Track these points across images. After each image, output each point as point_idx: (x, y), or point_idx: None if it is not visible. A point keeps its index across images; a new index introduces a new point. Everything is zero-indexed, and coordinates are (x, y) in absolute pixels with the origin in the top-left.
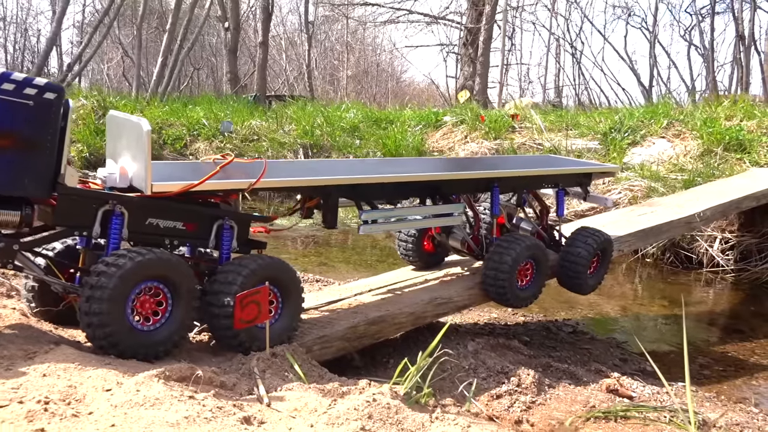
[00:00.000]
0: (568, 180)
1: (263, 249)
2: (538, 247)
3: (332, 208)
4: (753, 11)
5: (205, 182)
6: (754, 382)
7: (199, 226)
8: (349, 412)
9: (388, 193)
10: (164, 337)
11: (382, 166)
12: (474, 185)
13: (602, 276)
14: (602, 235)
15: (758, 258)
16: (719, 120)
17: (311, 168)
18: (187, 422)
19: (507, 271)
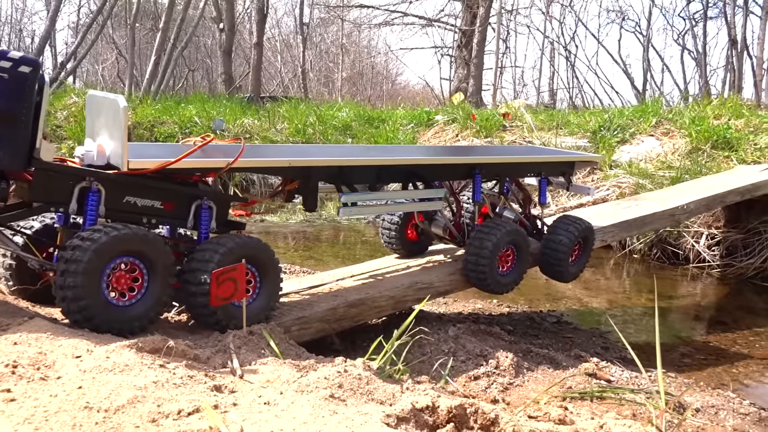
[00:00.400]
0: (551, 169)
1: (242, 230)
2: (518, 233)
3: (312, 191)
4: (745, 17)
5: (183, 160)
6: (734, 370)
7: (178, 206)
8: (320, 381)
9: (370, 177)
10: (140, 313)
11: (365, 151)
12: (456, 171)
13: (584, 264)
14: (583, 223)
15: (743, 253)
16: (708, 119)
17: (292, 151)
18: (155, 387)
19: (487, 257)
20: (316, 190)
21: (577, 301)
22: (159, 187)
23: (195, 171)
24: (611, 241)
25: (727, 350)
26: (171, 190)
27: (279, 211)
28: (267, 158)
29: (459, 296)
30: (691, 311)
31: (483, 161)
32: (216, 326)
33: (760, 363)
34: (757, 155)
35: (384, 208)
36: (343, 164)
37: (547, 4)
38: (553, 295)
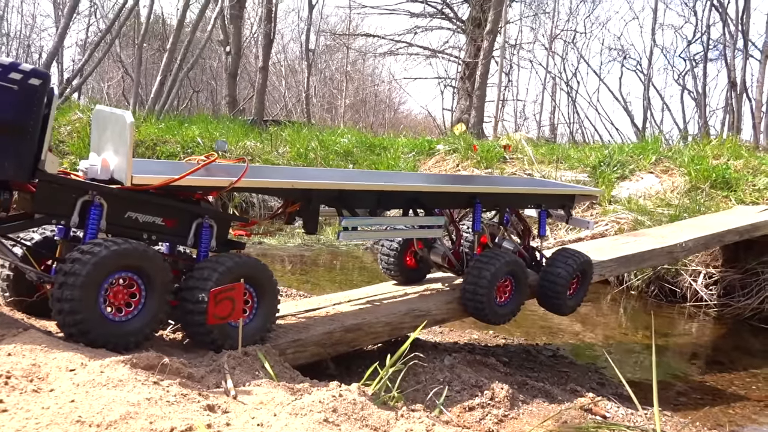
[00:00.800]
0: (551, 201)
1: (242, 250)
2: (517, 264)
3: (313, 214)
4: (745, 59)
5: (186, 178)
6: (730, 411)
7: (179, 223)
8: (314, 405)
9: (371, 202)
10: (136, 329)
11: (366, 176)
12: (457, 200)
13: (581, 297)
14: (582, 257)
15: (741, 293)
16: (707, 158)
17: (294, 173)
18: (148, 403)
19: (485, 287)
20: (317, 213)
21: (574, 336)
22: (161, 204)
23: (198, 189)
24: (609, 275)
25: (723, 391)
26: (173, 207)
27: (277, 234)
28: (270, 179)
29: (455, 326)
30: (688, 350)
31: (483, 191)
32: (211, 345)
33: (757, 405)
34: (756, 196)
35: (384, 234)
36: (345, 188)
37: (549, 40)
38: (549, 328)
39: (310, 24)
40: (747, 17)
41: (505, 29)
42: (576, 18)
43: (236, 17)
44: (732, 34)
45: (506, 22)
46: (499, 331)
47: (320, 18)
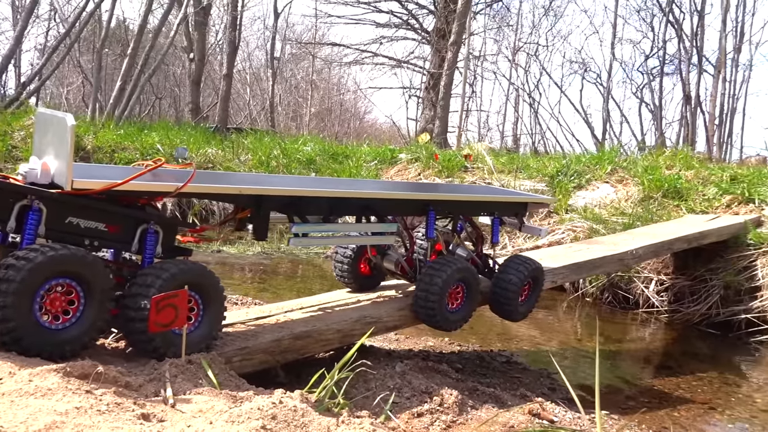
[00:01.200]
0: (505, 209)
1: (189, 257)
2: (469, 271)
3: (263, 220)
4: (699, 74)
5: (130, 183)
6: (675, 414)
7: (122, 229)
8: (252, 412)
9: (323, 209)
10: (72, 337)
11: (319, 182)
12: (410, 207)
13: (533, 304)
14: (533, 263)
15: (690, 300)
16: (660, 168)
17: (246, 179)
18: (77, 413)
19: (437, 293)
20: (267, 220)
21: (529, 342)
22: (103, 209)
23: (142, 194)
24: (562, 282)
25: (670, 394)
26: (116, 212)
27: (236, 243)
28: (217, 185)
29: (411, 333)
30: (639, 355)
31: (437, 198)
32: (154, 354)
33: (702, 407)
34: (705, 205)
35: (335, 240)
36: (296, 194)
37: (513, 53)
38: (505, 334)
39: (276, 32)
40: (701, 34)
41: (469, 41)
42: (538, 31)
43: (200, 24)
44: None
45: (470, 34)
46: (455, 338)
47: (286, 26)
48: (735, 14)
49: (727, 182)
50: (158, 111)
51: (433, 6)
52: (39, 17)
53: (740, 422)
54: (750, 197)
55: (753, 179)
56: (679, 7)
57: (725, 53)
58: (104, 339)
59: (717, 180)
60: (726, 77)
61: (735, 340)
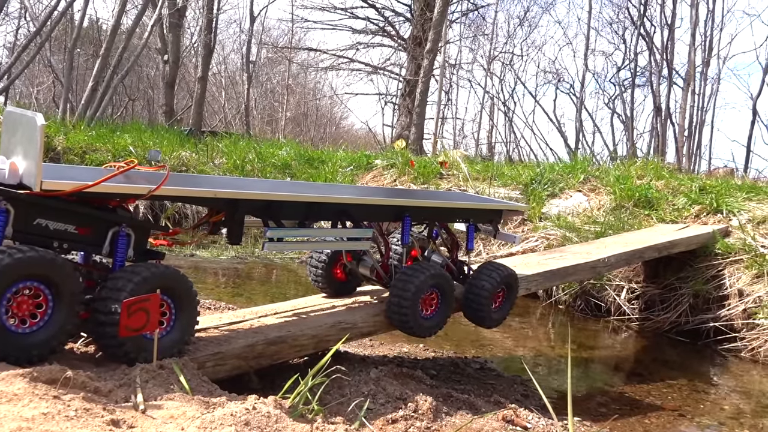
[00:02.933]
0: (480, 216)
1: (161, 260)
2: (442, 277)
3: (238, 224)
4: (669, 87)
5: (101, 185)
6: (646, 420)
7: (93, 231)
8: (225, 418)
9: (298, 214)
10: (40, 341)
11: (295, 187)
12: (386, 213)
13: (507, 311)
14: (506, 270)
15: (660, 308)
16: (631, 178)
17: (220, 182)
18: (44, 419)
19: (410, 299)
20: (242, 224)
21: (503, 349)
22: (73, 211)
23: (114, 196)
24: (535, 289)
25: (641, 401)
26: (86, 214)
27: (210, 247)
28: (191, 188)
29: (386, 339)
30: (610, 362)
31: (413, 204)
32: (124, 358)
33: (672, 414)
34: (675, 215)
35: (310, 245)
36: (271, 199)
37: (488, 61)
38: (479, 341)
39: (252, 36)
40: (671, 47)
41: (445, 49)
42: (513, 41)
43: (175, 25)
44: (657, 63)
45: (446, 42)
46: (430, 344)
47: (262, 30)
48: (704, 29)
49: (696, 192)
50: (131, 113)
51: (410, 14)
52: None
53: (709, 429)
54: (718, 208)
55: (721, 190)
56: (650, 21)
57: (694, 66)
58: (73, 343)
59: (686, 190)
60: (695, 90)
61: (704, 348)
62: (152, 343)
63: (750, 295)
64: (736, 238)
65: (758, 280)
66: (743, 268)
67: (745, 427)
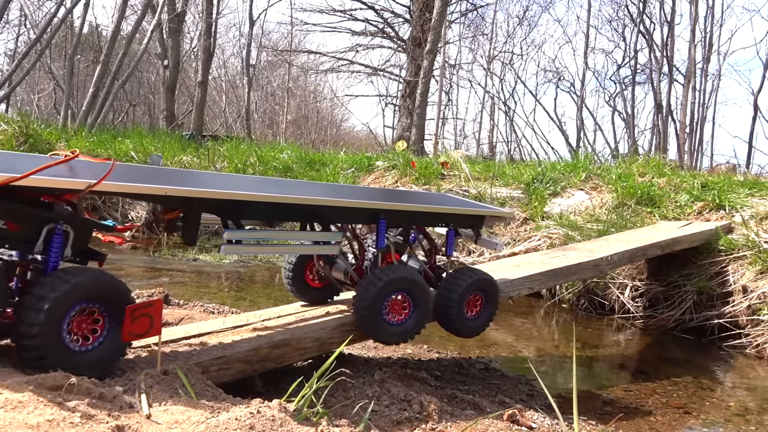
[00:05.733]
0: (460, 220)
1: (102, 262)
2: (409, 280)
3: (194, 223)
4: (670, 84)
5: (31, 177)
6: (652, 418)
7: (25, 228)
8: (230, 422)
9: (261, 214)
10: None
11: (260, 183)
12: (359, 215)
13: (487, 319)
14: (478, 275)
15: (664, 305)
16: (633, 176)
17: (177, 177)
18: (50, 425)
19: (371, 301)
20: (198, 223)
21: (507, 349)
22: (3, 205)
23: (47, 191)
24: (538, 288)
25: (646, 399)
26: (17, 209)
27: (213, 251)
28: (139, 184)
29: None
30: (615, 361)
31: (388, 207)
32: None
33: (677, 412)
34: (678, 212)
35: (272, 249)
36: (230, 198)
37: (488, 61)
38: (483, 341)
39: (251, 39)
40: (671, 44)
41: (444, 49)
42: (513, 40)
43: (175, 31)
44: (658, 60)
45: (446, 43)
46: (434, 345)
47: (262, 34)
48: (704, 25)
49: (698, 189)
50: (132, 118)
51: (409, 15)
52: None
53: (715, 426)
54: (720, 204)
55: (723, 186)
56: (650, 18)
57: (695, 63)
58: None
59: (688, 187)
60: (696, 86)
61: (708, 345)
62: (80, 356)
63: (754, 291)
64: (740, 234)
65: (762, 276)
66: (747, 264)
67: (751, 423)
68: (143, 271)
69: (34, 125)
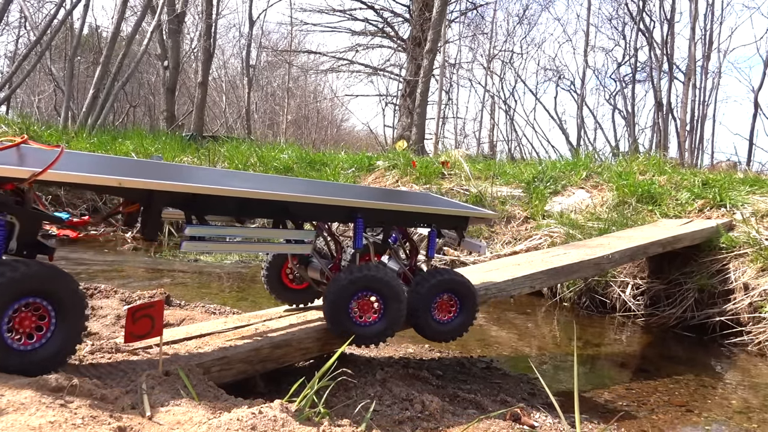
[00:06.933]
0: (443, 221)
1: (52, 255)
2: (377, 279)
3: (153, 218)
4: (670, 81)
5: None
6: (654, 417)
7: None
8: (231, 423)
9: (228, 210)
10: None
11: (228, 178)
12: (334, 213)
13: (463, 322)
14: (444, 275)
15: (666, 303)
16: (634, 174)
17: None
18: (52, 427)
19: (334, 301)
20: (159, 217)
21: (508, 347)
22: None
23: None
24: (539, 287)
25: (648, 397)
26: None
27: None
28: (91, 174)
29: (391, 340)
30: (617, 359)
31: (365, 206)
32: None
33: (679, 410)
34: (679, 210)
35: (240, 247)
36: (192, 191)
37: (488, 60)
38: (485, 340)
39: (251, 40)
40: (671, 42)
41: (444, 48)
42: (513, 39)
43: (174, 31)
44: (658, 58)
45: (446, 42)
46: (435, 345)
47: (261, 34)
48: (704, 23)
49: (699, 187)
50: (132, 119)
51: (408, 14)
52: (9, 25)
53: (717, 424)
54: (721, 202)
55: (724, 184)
56: (650, 16)
57: (695, 60)
58: (78, 351)
59: (689, 185)
60: (696, 84)
61: (710, 343)
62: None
63: (756, 288)
64: (741, 231)
65: (763, 273)
66: (748, 262)
67: (754, 421)
68: (144, 272)
69: (35, 127)
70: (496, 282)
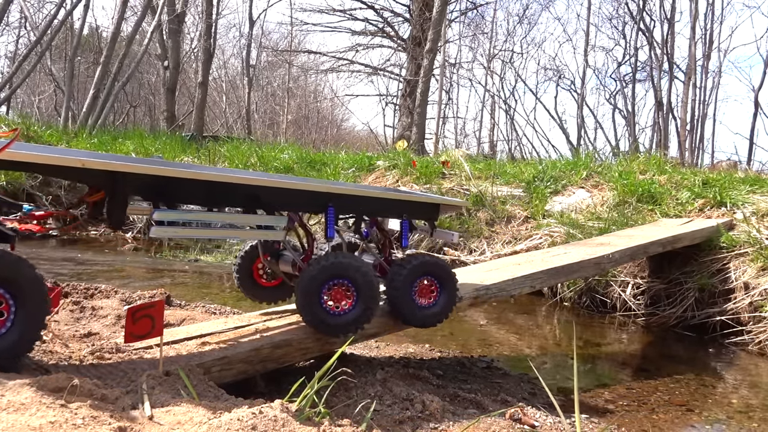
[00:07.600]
0: (414, 210)
1: (14, 244)
2: (350, 267)
3: (119, 205)
4: (670, 81)
5: None
6: (654, 416)
7: None
8: (232, 422)
9: (197, 197)
10: None
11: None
12: (305, 200)
13: (445, 304)
14: (422, 258)
15: (666, 303)
16: (634, 173)
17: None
18: (52, 427)
19: (305, 291)
20: (125, 205)
21: (509, 347)
22: None
23: None
24: (540, 287)
25: (649, 396)
26: None
27: (214, 251)
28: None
29: (392, 340)
30: (617, 358)
31: (335, 191)
32: None
33: (679, 409)
34: (679, 209)
35: (209, 233)
36: (159, 174)
37: (488, 60)
38: (486, 340)
39: (251, 40)
40: (671, 41)
41: (444, 48)
42: (513, 39)
43: (175, 32)
44: (658, 57)
45: (446, 42)
46: (435, 344)
47: (262, 34)
48: (704, 22)
49: (699, 186)
50: (133, 119)
51: (409, 14)
52: (9, 25)
53: (718, 423)
54: (722, 201)
55: (724, 183)
56: (650, 15)
57: (695, 60)
58: (79, 351)
59: (689, 184)
60: (696, 83)
61: (710, 342)
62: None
63: (756, 288)
64: (741, 231)
65: (764, 272)
66: (748, 261)
67: (754, 420)
68: (145, 272)
69: (35, 127)
70: (497, 281)
